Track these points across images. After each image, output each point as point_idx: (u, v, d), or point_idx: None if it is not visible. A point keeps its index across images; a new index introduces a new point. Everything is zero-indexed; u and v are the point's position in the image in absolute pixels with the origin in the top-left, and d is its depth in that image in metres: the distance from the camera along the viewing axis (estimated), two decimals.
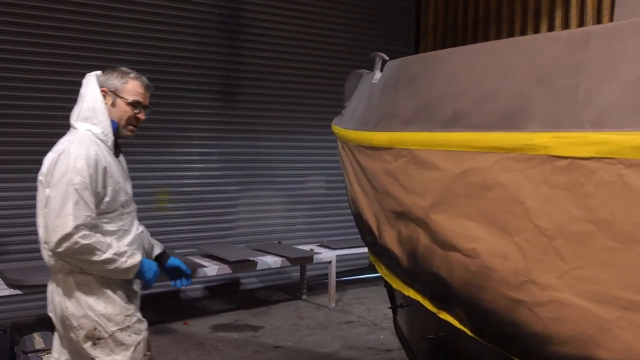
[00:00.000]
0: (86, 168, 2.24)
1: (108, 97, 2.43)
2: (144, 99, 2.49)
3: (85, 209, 2.22)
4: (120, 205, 2.40)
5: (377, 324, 5.53)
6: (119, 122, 2.45)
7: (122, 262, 2.30)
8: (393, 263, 2.60)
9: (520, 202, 1.77)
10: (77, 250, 2.20)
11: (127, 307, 2.42)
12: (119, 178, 2.42)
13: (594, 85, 1.59)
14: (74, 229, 2.18)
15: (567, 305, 1.67)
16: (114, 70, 2.48)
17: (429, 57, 2.44)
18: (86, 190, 2.23)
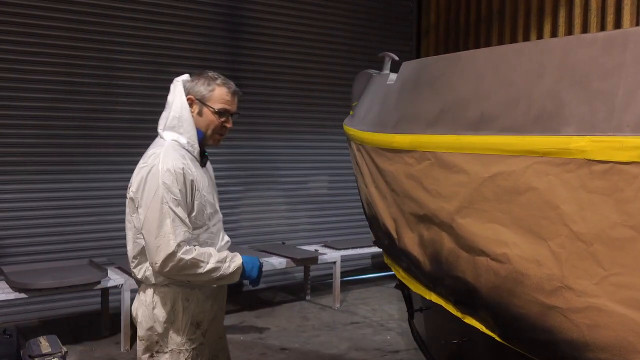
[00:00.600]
0: (175, 184, 2.20)
1: (195, 106, 2.34)
2: (231, 106, 2.37)
3: (182, 225, 2.19)
4: (207, 218, 2.33)
5: (383, 325, 5.51)
6: (206, 131, 2.35)
7: (226, 268, 2.26)
8: (413, 266, 2.57)
9: (555, 206, 1.74)
10: (182, 267, 2.18)
11: (192, 331, 2.34)
12: (204, 190, 2.34)
13: (633, 89, 1.56)
14: (176, 247, 2.15)
15: (605, 311, 1.64)
16: (200, 76, 2.37)
17: (452, 58, 2.41)
18: (179, 206, 2.19)
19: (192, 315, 2.34)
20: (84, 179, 5.67)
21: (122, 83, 5.81)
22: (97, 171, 5.73)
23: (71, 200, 5.61)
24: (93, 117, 5.68)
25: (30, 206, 5.42)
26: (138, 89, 5.90)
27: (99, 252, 5.64)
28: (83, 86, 5.61)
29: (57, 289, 4.57)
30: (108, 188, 5.78)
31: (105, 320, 5.11)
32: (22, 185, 5.37)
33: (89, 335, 5.05)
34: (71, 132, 5.59)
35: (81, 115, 5.62)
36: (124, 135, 5.84)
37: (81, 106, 5.61)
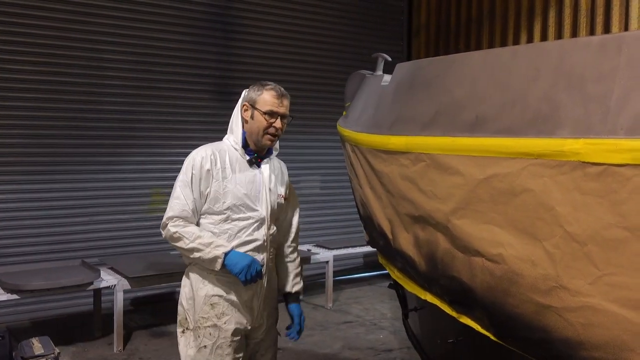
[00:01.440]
0: (190, 168, 2.51)
1: (248, 110, 2.57)
2: (279, 107, 2.54)
3: (183, 204, 2.49)
4: (226, 209, 2.50)
5: (376, 324, 5.53)
6: (257, 132, 2.55)
7: (206, 253, 2.43)
8: (408, 267, 2.60)
9: (550, 208, 1.77)
10: (170, 237, 2.50)
11: (206, 310, 2.53)
12: (234, 183, 2.52)
13: (627, 92, 1.59)
14: (167, 219, 2.50)
15: (600, 311, 1.67)
16: (255, 84, 2.60)
17: (447, 60, 2.43)
18: (187, 187, 2.50)
19: (207, 295, 2.53)
20: (74, 179, 5.64)
21: (111, 83, 5.78)
22: (88, 171, 5.70)
23: (62, 201, 5.59)
24: (82, 117, 5.65)
25: (21, 207, 5.38)
26: (128, 89, 5.87)
27: (91, 253, 5.63)
28: (72, 86, 5.58)
29: (49, 290, 4.54)
30: (99, 188, 5.76)
31: (97, 321, 5.09)
32: (12, 185, 5.33)
33: (82, 336, 5.03)
34: (61, 132, 5.56)
35: (70, 115, 5.59)
36: (114, 135, 5.82)
37: (70, 106, 5.58)
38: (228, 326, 2.53)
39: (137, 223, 5.96)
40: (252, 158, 2.60)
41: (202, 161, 2.51)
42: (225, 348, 2.52)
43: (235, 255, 2.47)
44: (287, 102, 2.57)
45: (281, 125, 2.57)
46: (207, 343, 2.51)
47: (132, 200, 5.94)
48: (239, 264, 2.44)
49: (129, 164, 5.93)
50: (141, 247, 5.96)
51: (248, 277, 2.45)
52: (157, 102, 6.07)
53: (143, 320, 5.54)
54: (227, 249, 2.46)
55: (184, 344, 2.57)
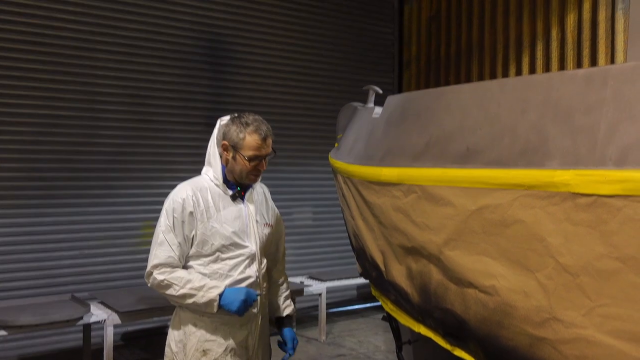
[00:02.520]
0: (172, 212, 2.41)
1: (229, 151, 2.47)
2: (262, 150, 2.47)
3: (168, 250, 2.39)
4: (216, 249, 2.42)
5: (370, 357, 5.46)
6: (240, 174, 2.48)
7: (200, 297, 2.36)
8: (402, 299, 2.58)
9: (542, 239, 1.77)
10: (158, 285, 2.40)
11: (197, 357, 2.42)
12: (220, 222, 2.43)
13: (615, 124, 1.62)
14: (152, 267, 2.40)
15: (594, 342, 1.66)
16: (234, 121, 2.48)
17: (437, 93, 2.46)
18: (170, 232, 2.40)
19: (199, 341, 2.43)
20: (64, 213, 5.59)
21: (102, 116, 5.79)
22: (79, 204, 5.67)
23: (52, 234, 5.53)
24: (73, 151, 5.64)
25: (10, 241, 5.32)
26: (120, 122, 5.88)
27: (81, 287, 5.55)
28: (65, 119, 5.58)
29: (38, 325, 4.46)
30: (89, 222, 5.72)
31: (87, 357, 4.99)
32: (1, 219, 5.28)
33: None
34: (52, 166, 5.54)
35: (62, 149, 5.58)
36: (106, 168, 5.81)
37: (62, 139, 5.57)
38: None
39: (127, 257, 5.90)
40: (235, 192, 2.52)
41: (184, 203, 2.40)
42: None
43: (230, 293, 2.38)
44: (270, 141, 2.50)
45: (265, 164, 2.51)
46: None
47: (122, 233, 5.89)
48: (235, 302, 2.36)
49: (120, 197, 5.90)
50: (132, 280, 5.88)
51: (247, 310, 2.40)
52: (148, 136, 6.08)
53: (134, 355, 5.44)
54: (221, 289, 2.38)
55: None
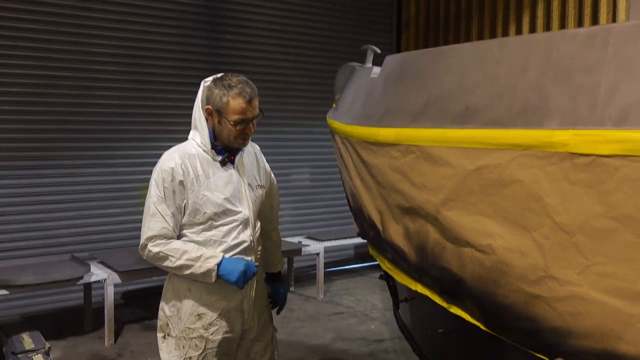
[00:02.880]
0: (161, 182, 2.34)
1: (214, 115, 2.36)
2: (249, 113, 2.34)
3: (161, 221, 2.32)
4: (208, 217, 2.36)
5: (367, 315, 5.56)
6: (227, 138, 2.38)
7: (197, 268, 2.31)
8: (399, 258, 2.61)
9: (539, 198, 1.78)
10: (153, 257, 2.35)
11: (192, 321, 2.41)
12: (211, 189, 2.36)
13: (615, 83, 1.61)
14: (146, 240, 2.34)
15: (588, 300, 1.69)
16: (217, 84, 2.34)
17: (437, 52, 2.44)
18: (162, 203, 2.33)
19: (194, 305, 2.41)
20: (64, 174, 5.60)
21: (100, 77, 5.74)
22: (78, 165, 5.67)
23: (52, 195, 5.55)
24: (72, 112, 5.61)
25: (10, 202, 5.34)
26: (116, 82, 5.83)
27: (80, 247, 5.60)
28: (62, 80, 5.53)
29: (39, 285, 4.53)
30: (89, 182, 5.73)
31: (88, 316, 5.08)
32: (1, 180, 5.28)
33: (72, 330, 5.02)
34: (51, 127, 5.51)
35: (60, 110, 5.55)
36: (103, 129, 5.79)
37: (60, 100, 5.54)
38: (215, 337, 2.42)
39: (127, 217, 5.93)
40: (224, 158, 2.43)
41: (173, 172, 2.33)
42: (211, 358, 2.42)
43: (228, 263, 2.34)
44: (256, 102, 2.36)
45: (253, 127, 2.40)
46: (193, 354, 2.40)
47: (122, 194, 5.91)
48: (235, 272, 2.32)
49: (119, 158, 5.90)
50: (131, 241, 5.93)
51: (246, 282, 2.37)
52: (146, 96, 6.03)
53: (134, 314, 5.53)
54: (219, 259, 2.33)
55: (165, 351, 2.46)
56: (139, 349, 4.64)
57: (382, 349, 4.65)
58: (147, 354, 4.52)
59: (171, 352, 2.44)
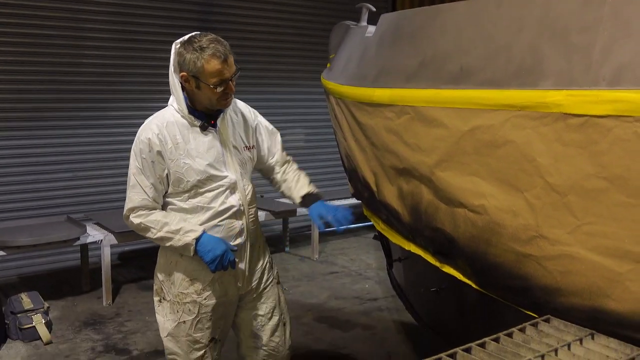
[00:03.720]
0: (139, 153, 2.28)
1: (191, 81, 2.22)
2: (227, 72, 2.21)
3: (141, 193, 2.31)
4: (192, 185, 2.30)
5: (361, 274, 5.64)
6: (209, 102, 2.26)
7: (177, 241, 2.29)
8: (393, 218, 2.63)
9: (532, 159, 1.79)
10: (136, 228, 2.36)
11: (185, 286, 2.40)
12: (189, 158, 2.28)
13: (610, 43, 1.60)
14: (127, 211, 2.34)
15: (578, 259, 1.72)
16: (186, 47, 2.21)
17: (431, 11, 2.40)
18: (141, 174, 2.30)
19: (186, 270, 2.39)
20: (57, 135, 5.56)
21: (90, 35, 5.64)
22: (71, 126, 5.62)
23: (45, 157, 5.53)
24: (62, 71, 5.53)
25: (4, 163, 5.32)
26: (107, 41, 5.73)
27: (76, 209, 5.61)
28: (50, 39, 5.43)
29: (36, 246, 4.55)
30: (82, 143, 5.70)
31: (85, 276, 5.13)
32: None
33: (70, 290, 5.08)
34: (42, 87, 5.45)
35: (51, 70, 5.47)
36: (94, 89, 5.72)
37: (49, 59, 5.45)
38: (209, 302, 2.41)
39: (121, 178, 5.87)
40: (204, 122, 2.32)
41: (150, 143, 2.24)
42: (205, 322, 2.42)
43: (208, 241, 2.28)
44: (231, 60, 2.22)
45: (233, 85, 2.27)
46: (187, 319, 2.40)
47: (115, 155, 5.89)
48: (211, 253, 2.26)
49: (111, 119, 5.86)
50: None
51: (219, 268, 2.28)
52: (137, 55, 5.94)
53: (131, 274, 5.59)
54: (198, 233, 2.27)
55: (162, 315, 2.47)
56: (136, 308, 4.71)
57: (376, 307, 4.74)
58: (145, 313, 4.59)
59: (166, 316, 2.45)
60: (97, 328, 4.32)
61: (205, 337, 2.45)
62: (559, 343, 1.70)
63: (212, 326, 2.45)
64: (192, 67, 2.19)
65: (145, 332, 4.24)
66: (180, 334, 2.43)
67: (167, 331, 2.46)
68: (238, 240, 2.41)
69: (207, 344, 2.46)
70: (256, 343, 2.60)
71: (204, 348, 2.45)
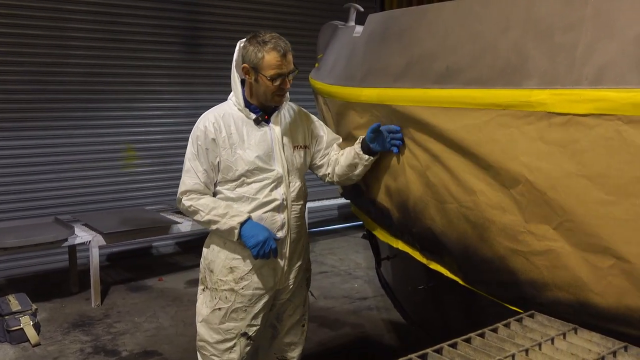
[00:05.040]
0: (195, 140, 2.43)
1: (251, 73, 2.37)
2: (284, 68, 2.35)
3: (194, 177, 2.44)
4: (240, 175, 2.42)
5: (351, 273, 5.67)
6: (265, 95, 2.40)
7: (222, 224, 2.39)
8: (381, 216, 2.66)
9: (515, 157, 1.82)
10: (186, 210, 2.49)
11: (224, 273, 2.48)
12: (241, 149, 2.41)
13: (593, 42, 1.63)
14: (180, 194, 2.47)
15: (562, 254, 1.76)
16: (251, 41, 2.37)
17: (419, 11, 2.43)
18: (195, 160, 2.44)
19: (227, 258, 2.49)
20: (45, 135, 5.54)
21: (76, 35, 5.62)
22: (56, 127, 5.60)
23: (31, 158, 5.50)
24: (49, 71, 5.51)
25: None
26: (94, 42, 5.72)
27: (63, 210, 5.59)
28: (37, 39, 5.41)
29: (23, 247, 4.52)
30: (70, 144, 5.68)
31: (74, 278, 5.11)
32: None
33: (59, 292, 5.06)
34: (27, 87, 5.42)
35: (36, 70, 5.45)
36: (82, 89, 5.71)
37: (36, 60, 5.43)
38: (245, 292, 2.47)
39: (109, 179, 5.92)
40: (258, 116, 2.45)
41: (206, 131, 2.40)
42: (240, 312, 2.48)
43: (252, 227, 2.37)
44: (290, 57, 2.37)
45: (289, 82, 2.42)
46: (223, 306, 2.48)
47: (103, 155, 5.88)
48: (254, 238, 2.35)
49: (98, 119, 5.84)
50: (114, 202, 5.94)
51: (261, 254, 2.35)
52: (125, 56, 5.94)
53: (119, 276, 5.58)
54: (243, 218, 2.37)
55: (201, 302, 2.56)
56: (125, 309, 4.70)
57: (365, 307, 4.76)
58: (134, 314, 4.58)
59: (205, 303, 2.54)
60: (85, 329, 4.30)
61: (238, 329, 2.50)
62: (542, 338, 1.73)
63: (246, 317, 2.50)
64: (254, 59, 2.34)
65: (135, 333, 4.23)
66: (214, 320, 2.50)
67: (202, 316, 2.54)
68: (279, 234, 2.48)
69: (237, 336, 2.51)
70: (272, 334, 2.70)
71: (234, 340, 2.51)
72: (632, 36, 1.54)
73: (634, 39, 1.54)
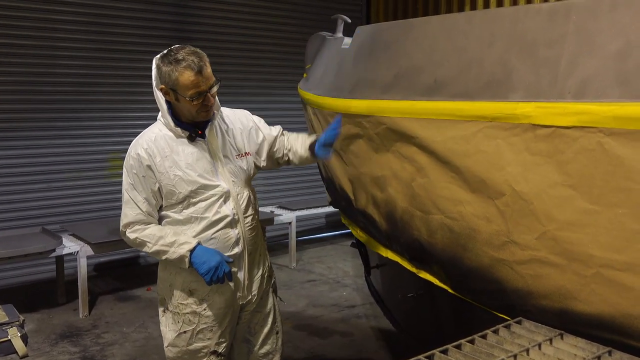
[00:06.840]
0: (130, 169, 2.32)
1: (170, 94, 2.25)
2: (203, 84, 2.20)
3: (135, 208, 2.33)
4: (185, 196, 2.31)
5: (339, 282, 5.69)
6: (189, 114, 2.28)
7: (172, 253, 2.29)
8: (370, 226, 2.70)
9: (501, 168, 1.87)
10: (132, 243, 2.38)
11: (184, 297, 2.39)
12: (179, 170, 2.29)
13: (575, 57, 1.69)
14: (123, 227, 2.36)
15: (546, 263, 1.80)
16: (163, 60, 2.23)
17: (406, 25, 2.48)
18: (133, 190, 2.33)
19: (185, 281, 2.39)
20: (31, 145, 5.51)
21: (64, 45, 5.61)
22: (44, 137, 5.57)
23: (18, 168, 5.47)
24: (36, 81, 5.48)
25: None
26: (81, 51, 5.71)
27: (50, 220, 5.55)
28: (23, 48, 5.39)
29: (10, 258, 4.49)
30: (57, 154, 5.65)
31: (61, 288, 5.08)
32: None
33: (46, 303, 5.02)
34: (13, 97, 5.39)
35: (23, 79, 5.42)
36: (68, 99, 5.68)
37: (23, 69, 5.41)
38: (209, 312, 2.39)
39: (96, 189, 5.89)
40: (191, 133, 2.32)
41: (140, 158, 2.28)
42: (206, 332, 2.41)
43: (202, 252, 2.28)
44: (208, 71, 2.21)
45: (212, 97, 2.26)
46: (187, 329, 2.40)
47: (90, 165, 5.86)
48: (206, 265, 2.26)
49: (86, 129, 5.82)
50: (102, 212, 5.91)
51: (214, 279, 2.26)
52: (113, 65, 5.93)
53: (108, 286, 5.55)
54: (192, 245, 2.27)
55: (164, 325, 2.48)
56: (113, 320, 4.68)
57: (354, 315, 4.79)
58: (122, 325, 4.57)
59: (168, 326, 2.46)
60: (74, 340, 4.28)
61: (207, 348, 2.43)
62: (530, 343, 1.78)
63: (213, 337, 2.42)
64: (168, 80, 2.21)
65: (123, 344, 4.22)
66: (181, 344, 2.42)
67: (168, 341, 2.46)
68: (235, 250, 2.39)
69: (207, 355, 2.43)
70: (248, 349, 2.59)
71: (205, 358, 2.43)
72: (613, 52, 1.60)
73: (614, 54, 1.59)
